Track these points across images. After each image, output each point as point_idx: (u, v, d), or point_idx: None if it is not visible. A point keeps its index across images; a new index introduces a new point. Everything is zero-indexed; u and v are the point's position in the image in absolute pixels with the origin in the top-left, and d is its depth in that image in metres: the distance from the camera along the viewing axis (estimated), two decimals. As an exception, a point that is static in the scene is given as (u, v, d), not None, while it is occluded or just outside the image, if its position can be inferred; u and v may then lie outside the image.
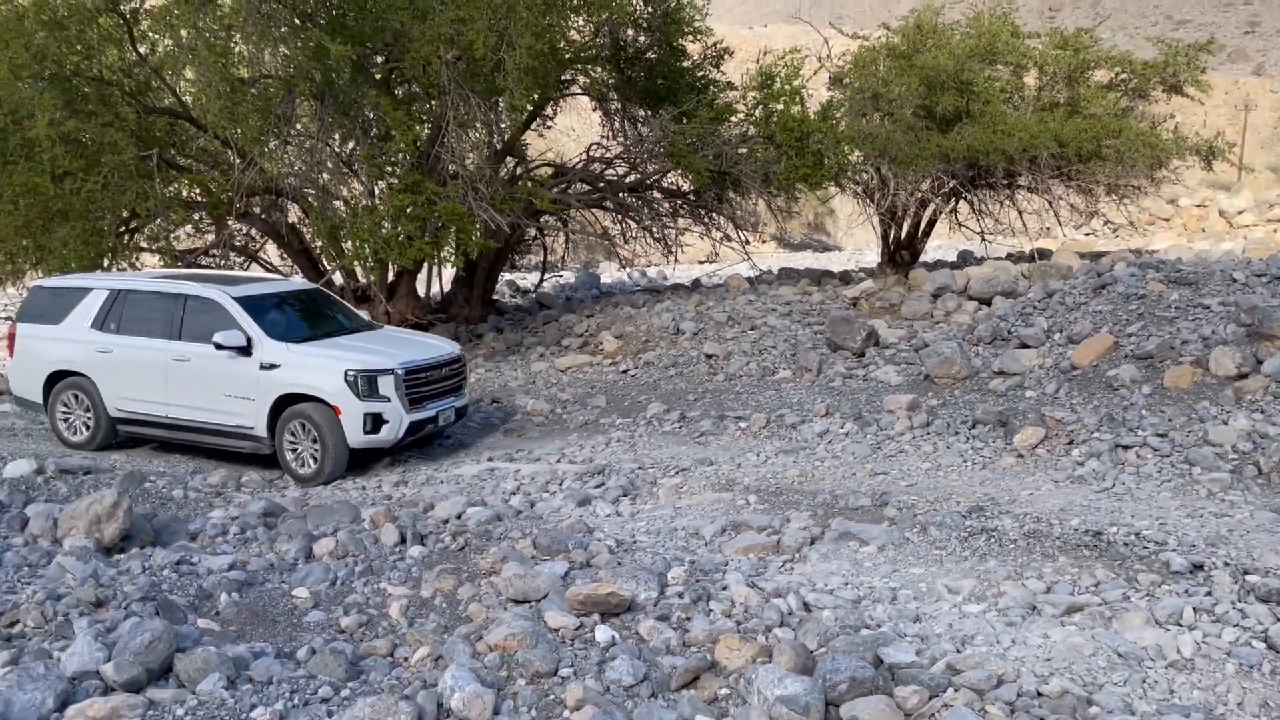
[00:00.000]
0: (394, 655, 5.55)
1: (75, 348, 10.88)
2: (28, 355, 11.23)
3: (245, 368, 10.11)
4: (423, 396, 10.37)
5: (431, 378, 10.50)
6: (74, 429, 11.03)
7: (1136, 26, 56.97)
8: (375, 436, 10.01)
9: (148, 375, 10.53)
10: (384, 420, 9.99)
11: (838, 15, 51.55)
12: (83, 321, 10.90)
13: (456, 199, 13.89)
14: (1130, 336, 10.72)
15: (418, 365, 10.36)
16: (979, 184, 19.51)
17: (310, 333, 10.72)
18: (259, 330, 10.17)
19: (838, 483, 8.53)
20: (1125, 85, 19.54)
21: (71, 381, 10.97)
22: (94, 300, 10.93)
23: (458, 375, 11.01)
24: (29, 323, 11.29)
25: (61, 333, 10.99)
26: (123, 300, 10.81)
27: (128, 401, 10.71)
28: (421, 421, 10.34)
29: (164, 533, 7.77)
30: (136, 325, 10.66)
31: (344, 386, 9.85)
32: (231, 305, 10.31)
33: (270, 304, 10.76)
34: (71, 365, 10.92)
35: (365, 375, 9.91)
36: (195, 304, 10.46)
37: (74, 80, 13.00)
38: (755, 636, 5.40)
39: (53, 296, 11.28)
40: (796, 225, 42.99)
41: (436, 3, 13.41)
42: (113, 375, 10.71)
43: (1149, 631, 5.21)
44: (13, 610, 5.73)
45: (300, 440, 10.04)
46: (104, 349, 10.73)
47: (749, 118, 17.62)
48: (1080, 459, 8.43)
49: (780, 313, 15.30)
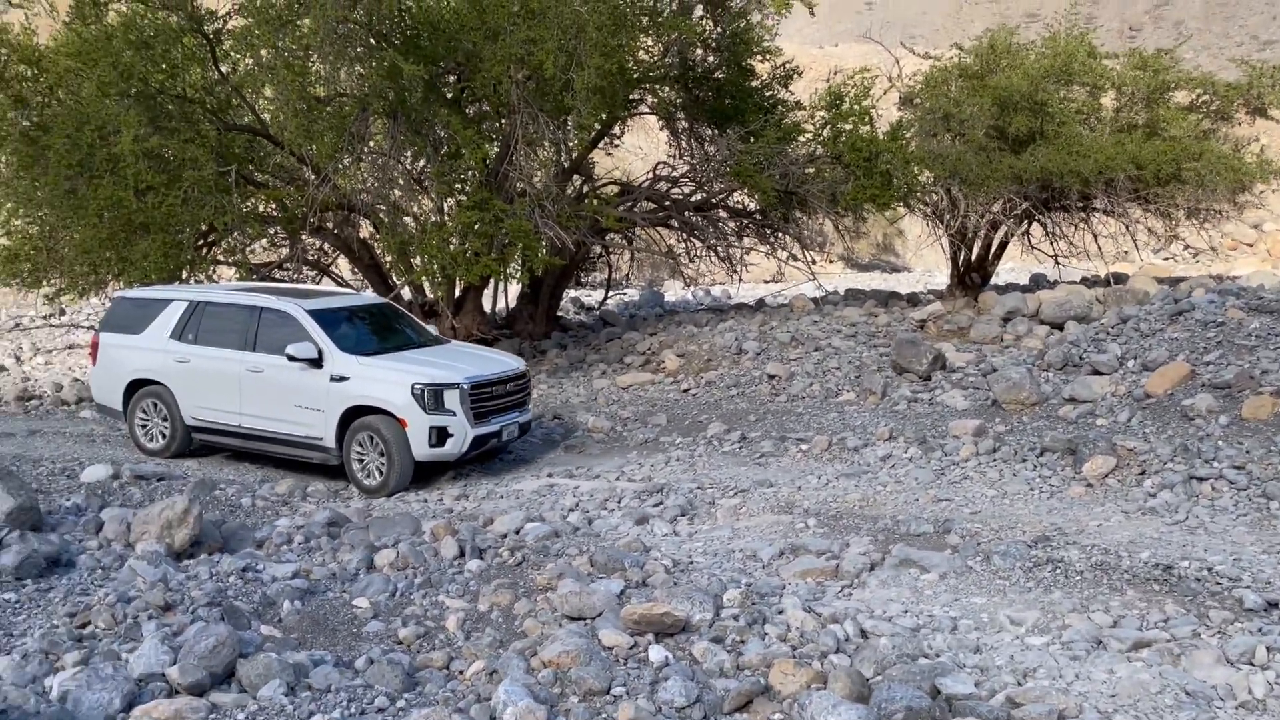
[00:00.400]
0: (450, 668, 5.60)
1: (154, 357, 11.18)
2: (109, 364, 11.57)
3: (316, 380, 10.31)
4: (487, 411, 10.48)
5: (496, 392, 10.61)
6: (151, 436, 11.33)
7: (1220, 47, 55.57)
8: (440, 450, 10.13)
9: (222, 385, 10.78)
10: (449, 434, 10.11)
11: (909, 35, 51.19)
12: (162, 332, 11.20)
13: (523, 216, 14.05)
14: (1208, 365, 10.42)
15: (483, 380, 10.47)
16: (1053, 206, 19.13)
17: (379, 346, 10.90)
18: (330, 343, 10.37)
19: (899, 508, 8.41)
20: (1207, 107, 19.02)
21: (150, 390, 11.27)
22: (173, 311, 11.24)
23: (522, 390, 11.11)
24: (111, 332, 11.65)
25: (142, 342, 11.31)
26: (200, 312, 11.11)
27: (203, 410, 10.97)
28: (486, 436, 10.44)
29: (232, 540, 7.94)
30: (213, 336, 10.93)
31: (411, 400, 9.99)
32: (304, 318, 10.54)
33: (341, 317, 10.97)
34: (150, 374, 11.23)
35: (432, 389, 10.04)
36: (269, 316, 10.71)
37: (158, 98, 13.43)
38: (810, 662, 5.35)
39: (134, 307, 11.62)
40: (865, 246, 42.63)
41: (508, 24, 13.62)
42: (189, 384, 10.99)
43: (1219, 670, 5.05)
44: (85, 611, 5.91)
45: (367, 452, 10.20)
46: (182, 359, 11.02)
47: (817, 137, 17.55)
48: (1152, 490, 8.20)
49: (845, 334, 15.17)
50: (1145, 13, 63.92)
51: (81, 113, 13.08)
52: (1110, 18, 63.82)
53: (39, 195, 13.74)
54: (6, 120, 13.48)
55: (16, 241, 14.15)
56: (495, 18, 13.75)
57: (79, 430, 12.47)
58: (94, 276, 14.15)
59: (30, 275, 14.26)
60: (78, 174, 13.21)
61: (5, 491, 7.21)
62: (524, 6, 13.64)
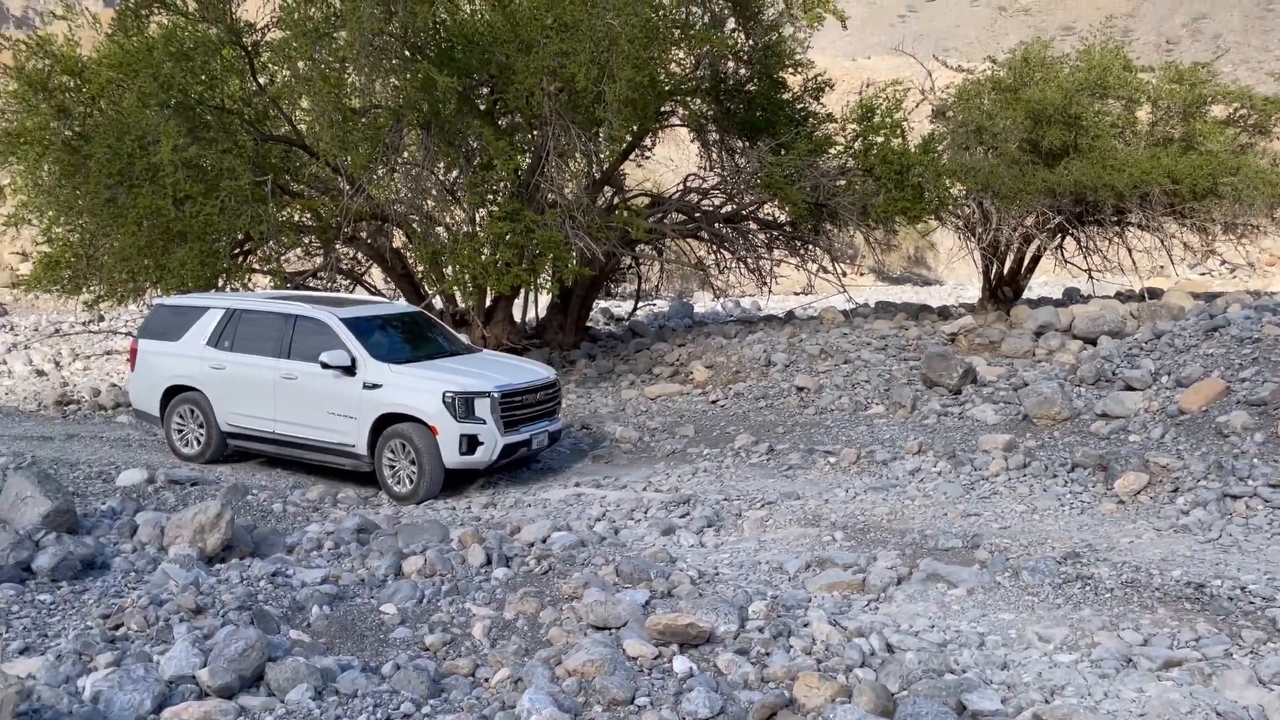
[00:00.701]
0: (475, 675, 5.63)
1: (191, 363, 11.34)
2: (147, 370, 11.74)
3: (349, 387, 10.42)
4: (517, 420, 10.54)
5: (526, 401, 10.67)
6: (187, 442, 11.48)
7: (1259, 60, 54.92)
8: (470, 458, 10.21)
9: (257, 391, 10.92)
10: (479, 442, 10.18)
11: (942, 48, 50.97)
12: (199, 339, 11.36)
13: (554, 227, 14.14)
14: (1243, 381, 10.28)
15: (513, 389, 10.54)
16: (1086, 220, 18.98)
17: (412, 354, 11.00)
18: (363, 351, 10.48)
19: (928, 522, 8.36)
20: (1244, 121, 18.81)
21: (186, 396, 11.43)
22: (210, 318, 11.39)
23: (552, 399, 11.17)
24: (150, 339, 11.81)
25: (179, 349, 11.47)
26: (237, 319, 11.26)
27: (238, 416, 11.11)
28: (515, 444, 10.50)
29: (263, 544, 8.03)
30: (249, 343, 11.08)
31: (441, 407, 10.08)
32: (338, 326, 10.66)
33: (375, 326, 11.09)
34: (187, 380, 11.38)
35: (462, 397, 10.12)
36: (304, 324, 10.84)
37: (197, 109, 13.67)
38: (835, 675, 5.34)
39: (173, 314, 11.78)
40: (896, 259, 42.46)
41: (541, 36, 13.74)
42: (225, 391, 11.14)
43: (1251, 691, 4.98)
44: (118, 614, 6.00)
45: (398, 459, 10.29)
46: (218, 365, 11.17)
47: (848, 150, 17.53)
48: (1185, 507, 8.11)
49: (875, 347, 15.11)
50: (1183, 26, 63.30)
51: (122, 123, 13.34)
52: (1147, 31, 63.26)
53: (80, 204, 14.01)
54: (49, 130, 13.76)
55: (57, 249, 14.43)
56: (528, 30, 13.88)
57: (115, 435, 12.66)
58: (132, 284, 14.40)
59: (70, 282, 14.53)
60: (118, 183, 13.47)
61: (42, 494, 7.35)
62: (557, 19, 13.75)
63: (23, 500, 7.31)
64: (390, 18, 13.35)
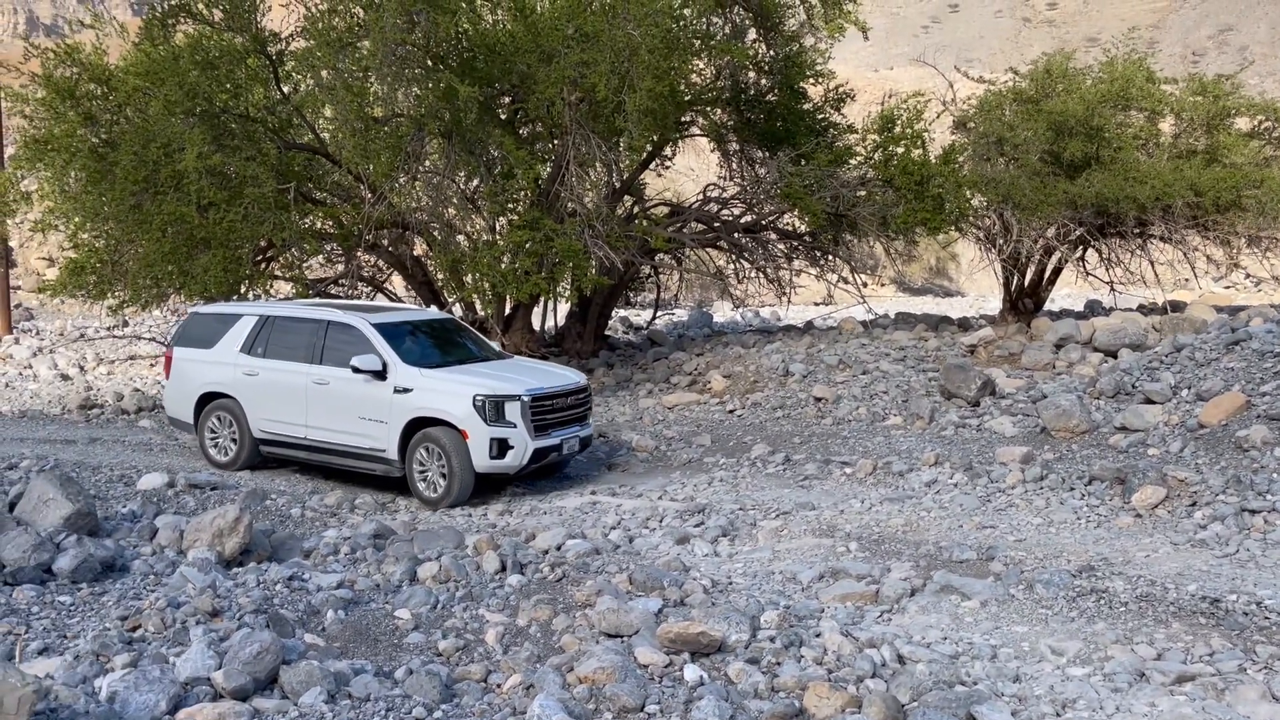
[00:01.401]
0: (487, 681, 5.66)
1: (224, 370, 11.40)
2: (182, 377, 11.80)
3: (380, 391, 10.45)
4: (548, 424, 10.52)
5: (557, 405, 10.65)
6: (220, 449, 11.50)
7: (1287, 71, 54.43)
8: (501, 462, 10.18)
9: (289, 397, 10.97)
10: (509, 446, 10.15)
11: (965, 59, 50.86)
12: (233, 346, 11.42)
13: (573, 236, 14.21)
14: (1264, 396, 10.20)
15: (544, 392, 10.52)
16: (1108, 232, 18.88)
17: (442, 359, 11.02)
18: (394, 355, 10.52)
19: (943, 534, 8.34)
20: (1269, 134, 18.69)
21: (220, 404, 11.47)
22: (244, 326, 11.47)
23: (583, 405, 11.15)
24: (184, 346, 11.88)
25: (213, 356, 11.53)
26: (270, 326, 11.33)
27: (270, 423, 11.16)
28: (546, 449, 10.47)
29: (280, 549, 8.10)
30: (281, 350, 11.14)
31: (472, 410, 10.08)
32: (369, 331, 10.72)
33: (405, 331, 11.13)
34: (220, 387, 11.44)
35: (493, 400, 10.12)
36: (336, 329, 10.90)
37: (222, 117, 13.84)
38: (846, 686, 5.34)
39: (207, 322, 11.86)
40: (917, 270, 42.34)
41: (562, 46, 13.84)
42: (257, 397, 11.19)
43: (1264, 706, 4.95)
44: (136, 615, 6.08)
45: (428, 464, 10.30)
46: (250, 371, 11.23)
47: (868, 160, 17.52)
48: (1203, 522, 8.05)
49: (894, 358, 15.08)
50: (1209, 38, 62.88)
51: (148, 130, 13.51)
52: (1173, 43, 62.88)
53: (105, 210, 14.18)
54: (76, 137, 13.94)
55: (83, 254, 14.60)
56: (549, 41, 13.99)
57: (138, 439, 12.80)
58: (156, 289, 14.55)
59: (95, 287, 14.69)
60: (143, 190, 13.63)
61: (64, 497, 7.45)
62: (578, 30, 13.85)
63: (45, 503, 7.42)
64: (413, 28, 13.49)
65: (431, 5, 13.22)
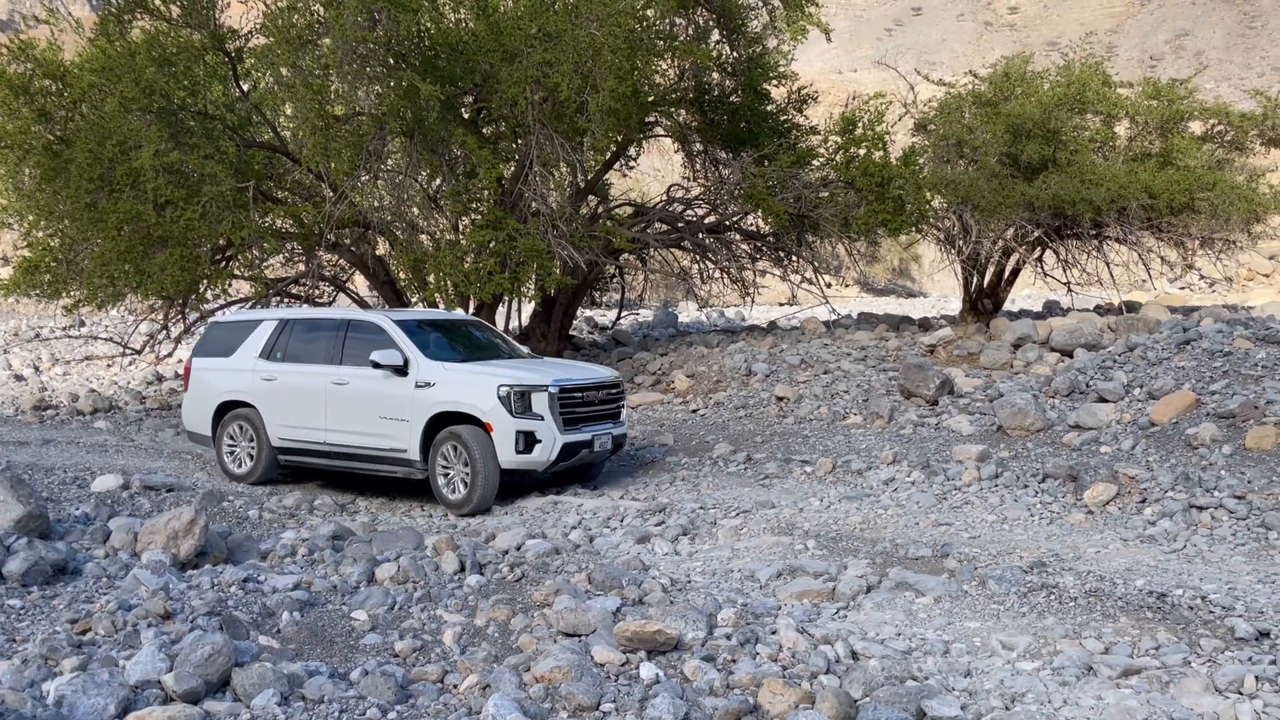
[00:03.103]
0: (444, 681, 5.65)
1: (243, 377, 11.11)
2: (200, 388, 11.46)
3: (401, 388, 10.11)
4: (578, 418, 10.19)
5: (587, 398, 10.31)
6: (238, 460, 11.15)
7: (1242, 77, 55.43)
8: (528, 457, 9.83)
9: (308, 401, 10.64)
10: (537, 439, 9.80)
11: (928, 62, 51.36)
12: (252, 352, 11.13)
13: (537, 236, 14.20)
14: (1213, 394, 10.41)
15: (573, 385, 10.20)
16: (1065, 234, 19.13)
17: (466, 356, 10.74)
18: (416, 350, 10.21)
19: (899, 532, 8.44)
20: (1221, 137, 19.01)
21: (238, 413, 11.12)
22: (263, 331, 11.17)
23: (615, 400, 10.79)
24: (203, 356, 11.57)
25: (231, 364, 11.23)
26: (289, 329, 11.04)
27: (288, 429, 10.81)
28: (576, 445, 10.10)
29: (237, 551, 8.04)
30: (301, 352, 10.87)
31: (497, 403, 9.73)
32: (391, 327, 10.47)
33: (429, 328, 10.91)
34: (239, 395, 11.12)
35: (518, 390, 9.78)
36: (357, 328, 10.65)
37: (179, 114, 13.69)
38: (800, 682, 5.38)
39: (226, 331, 11.59)
40: (880, 270, 42.68)
41: (525, 46, 13.81)
42: (276, 403, 10.86)
43: (1207, 698, 5.05)
44: (86, 618, 6.01)
45: (452, 464, 9.91)
46: (269, 377, 10.93)
47: (830, 162, 17.64)
48: (1152, 518, 8.20)
49: (855, 357, 15.20)
50: (1166, 42, 63.89)
51: (104, 128, 13.35)
52: (1131, 47, 63.83)
53: (60, 208, 14.01)
54: (30, 134, 13.74)
55: (37, 253, 14.41)
56: (512, 40, 13.96)
57: (92, 440, 12.63)
58: (112, 288, 14.38)
59: (50, 286, 14.50)
60: (98, 188, 13.46)
61: (15, 499, 7.34)
62: (541, 29, 13.84)
63: (-5, 504, 7.30)
64: (374, 26, 13.41)
65: (393, 3, 13.15)
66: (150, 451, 12.08)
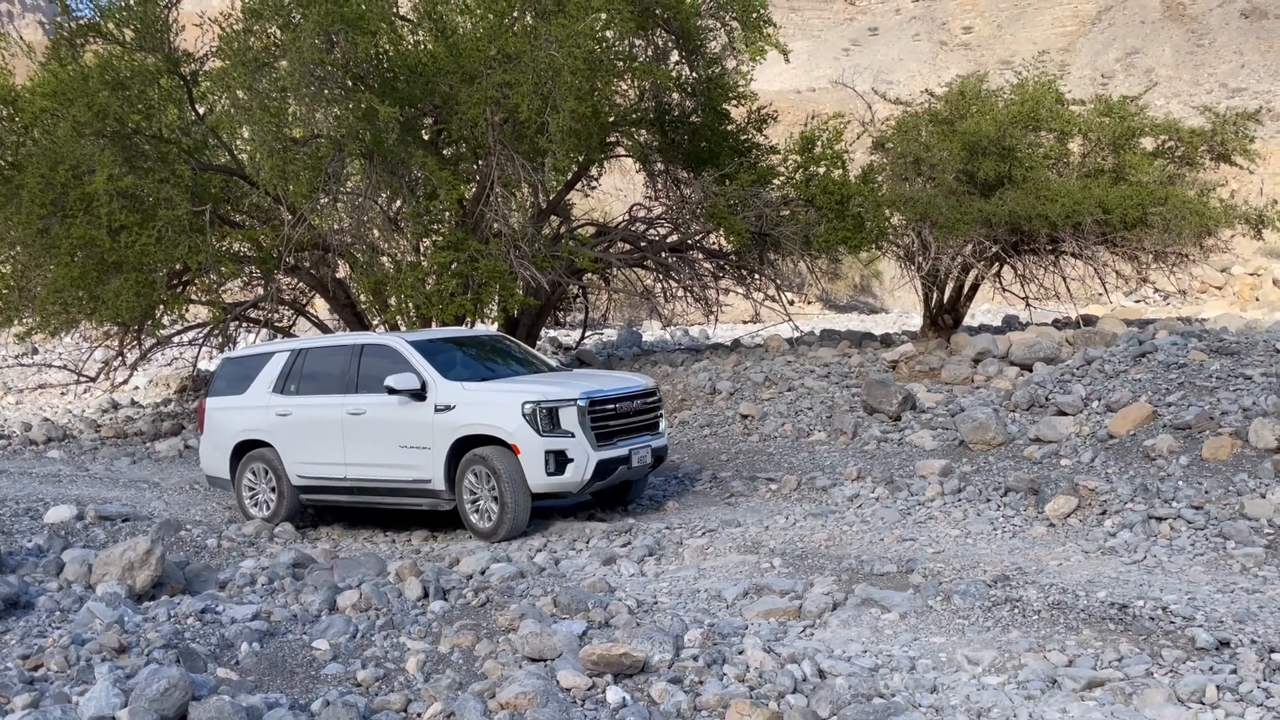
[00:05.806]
0: (407, 710, 5.57)
1: (257, 415, 10.58)
2: (215, 430, 10.95)
3: (420, 414, 9.52)
4: (612, 433, 9.52)
5: (621, 410, 9.65)
6: (259, 503, 10.67)
7: (1191, 94, 56.62)
8: (560, 479, 9.18)
9: (325, 434, 10.11)
10: (568, 458, 9.13)
11: (884, 81, 52.00)
12: (264, 387, 10.65)
13: (498, 257, 14.15)
14: (1169, 406, 10.55)
15: (605, 396, 9.56)
16: (1022, 249, 19.38)
17: (488, 375, 10.19)
18: (433, 371, 9.63)
19: (864, 548, 8.45)
20: (1172, 153, 19.38)
21: (255, 454, 10.62)
22: (275, 364, 10.68)
23: (653, 410, 10.12)
24: (217, 396, 11.09)
25: (245, 401, 10.74)
26: (301, 360, 10.55)
27: (307, 466, 10.32)
28: (612, 461, 9.40)
29: (195, 581, 7.89)
30: (314, 383, 10.35)
31: (522, 422, 9.10)
32: (405, 348, 9.91)
33: (445, 348, 10.33)
34: (254, 434, 10.59)
35: (544, 407, 9.14)
36: (371, 352, 10.10)
37: (134, 138, 13.53)
38: (767, 702, 5.36)
39: (238, 367, 11.10)
40: (842, 287, 43.02)
41: (484, 67, 13.81)
42: (292, 439, 10.34)
43: (1169, 709, 5.09)
44: (38, 654, 5.86)
45: (480, 491, 9.34)
46: (284, 412, 10.40)
47: (790, 181, 17.76)
48: (1112, 530, 8.28)
49: (818, 374, 15.26)
50: (1117, 60, 65.15)
51: (56, 152, 13.17)
52: (1083, 65, 65.00)
53: (12, 234, 13.81)
54: (-20, 159, 13.53)
55: (-12, 280, 14.16)
56: (471, 61, 13.96)
57: (46, 470, 12.40)
58: (65, 315, 14.16)
59: (1, 314, 14.24)
60: (51, 213, 13.28)
61: (-36, 532, 7.17)
62: (500, 50, 13.85)
63: (-57, 538, 7.12)
64: (331, 48, 13.36)
65: (350, 25, 13.10)
66: (105, 481, 11.86)
